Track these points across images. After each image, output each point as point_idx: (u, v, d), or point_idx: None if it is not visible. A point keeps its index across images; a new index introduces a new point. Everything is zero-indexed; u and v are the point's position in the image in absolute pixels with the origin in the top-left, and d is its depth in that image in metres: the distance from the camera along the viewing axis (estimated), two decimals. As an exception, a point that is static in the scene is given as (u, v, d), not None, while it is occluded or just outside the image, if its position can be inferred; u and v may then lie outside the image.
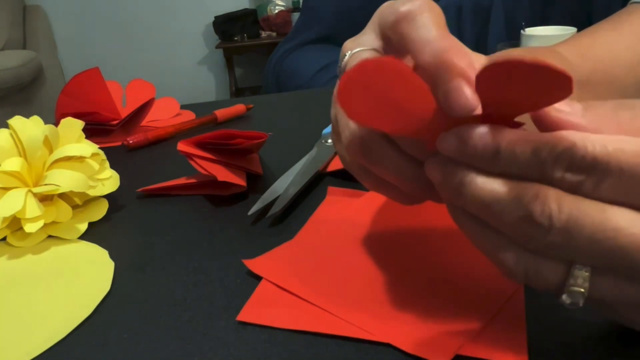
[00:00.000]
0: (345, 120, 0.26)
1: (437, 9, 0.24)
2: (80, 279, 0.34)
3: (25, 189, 0.38)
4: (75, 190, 0.39)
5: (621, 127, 0.20)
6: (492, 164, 0.20)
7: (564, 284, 0.20)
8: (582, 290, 0.20)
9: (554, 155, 0.19)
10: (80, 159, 0.41)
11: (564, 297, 0.20)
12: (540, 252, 0.20)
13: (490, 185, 0.21)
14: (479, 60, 0.22)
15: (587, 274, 0.20)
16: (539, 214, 0.19)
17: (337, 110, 0.28)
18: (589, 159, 0.19)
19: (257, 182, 0.45)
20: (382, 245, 0.33)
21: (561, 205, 0.19)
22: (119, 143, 0.60)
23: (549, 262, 0.20)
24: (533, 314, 0.26)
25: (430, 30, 0.23)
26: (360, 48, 0.27)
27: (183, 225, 0.40)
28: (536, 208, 0.19)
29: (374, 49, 0.26)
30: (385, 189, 0.28)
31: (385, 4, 0.26)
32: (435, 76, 0.21)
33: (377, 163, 0.25)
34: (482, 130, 0.20)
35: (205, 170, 0.42)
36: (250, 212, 0.39)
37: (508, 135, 0.20)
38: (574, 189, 0.19)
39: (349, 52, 0.27)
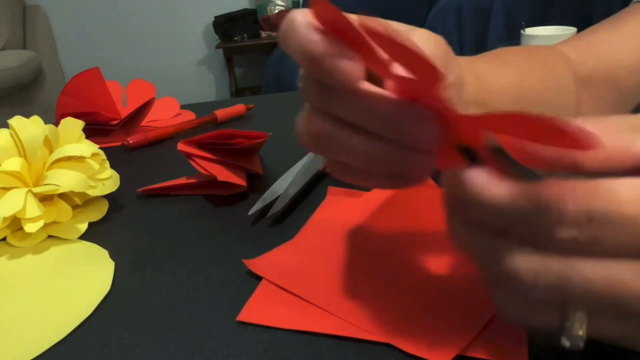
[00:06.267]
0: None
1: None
2: (80, 279, 0.34)
3: (25, 189, 0.38)
4: (75, 190, 0.39)
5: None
6: (473, 212, 0.19)
7: (561, 327, 0.19)
8: (580, 333, 0.19)
9: (538, 209, 0.17)
10: (81, 159, 0.41)
11: (563, 339, 0.19)
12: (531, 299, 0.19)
13: (470, 235, 0.20)
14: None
15: (584, 316, 0.19)
16: (523, 273, 0.18)
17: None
18: (580, 214, 0.17)
19: (257, 182, 0.45)
20: (382, 245, 0.33)
21: (547, 264, 0.18)
22: (119, 143, 0.60)
23: (542, 308, 0.19)
24: (533, 314, 0.26)
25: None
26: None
27: (183, 225, 0.40)
28: (519, 267, 0.18)
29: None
30: (352, 175, 0.26)
31: None
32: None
33: (328, 149, 0.25)
34: (465, 175, 0.19)
35: (205, 170, 0.42)
36: (250, 212, 0.39)
37: (494, 187, 0.18)
38: (566, 246, 0.18)
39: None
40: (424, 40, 0.26)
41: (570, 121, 0.16)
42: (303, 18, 0.21)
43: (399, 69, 0.21)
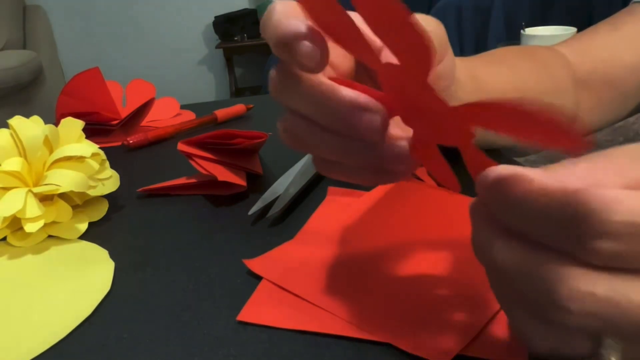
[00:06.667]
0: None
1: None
2: (80, 279, 0.34)
3: (26, 189, 0.38)
4: (76, 190, 0.39)
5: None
6: (507, 217, 0.18)
7: (595, 355, 0.18)
8: (614, 359, 0.18)
9: (580, 214, 0.15)
10: (81, 159, 0.41)
11: None
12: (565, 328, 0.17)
13: (506, 251, 0.18)
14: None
15: (620, 342, 0.17)
16: (564, 297, 0.16)
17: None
18: (628, 226, 0.15)
19: (257, 182, 0.45)
20: (382, 245, 0.33)
21: (591, 286, 0.16)
22: (119, 143, 0.60)
23: (577, 337, 0.18)
24: (533, 314, 0.26)
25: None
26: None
27: (183, 225, 0.40)
28: (560, 288, 0.16)
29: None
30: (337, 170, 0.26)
31: None
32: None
33: (305, 145, 0.24)
34: (488, 173, 0.18)
35: (205, 170, 0.42)
36: (250, 212, 0.39)
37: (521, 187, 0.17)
38: (606, 261, 0.16)
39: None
40: (422, 20, 0.25)
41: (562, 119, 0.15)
42: (282, 7, 0.21)
43: (388, 56, 0.20)
